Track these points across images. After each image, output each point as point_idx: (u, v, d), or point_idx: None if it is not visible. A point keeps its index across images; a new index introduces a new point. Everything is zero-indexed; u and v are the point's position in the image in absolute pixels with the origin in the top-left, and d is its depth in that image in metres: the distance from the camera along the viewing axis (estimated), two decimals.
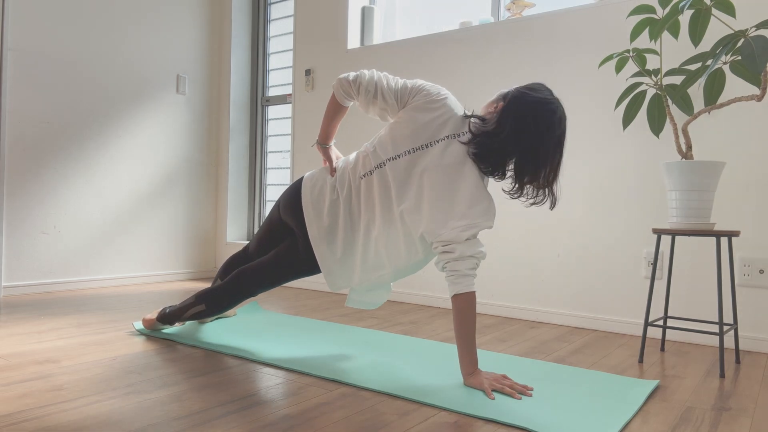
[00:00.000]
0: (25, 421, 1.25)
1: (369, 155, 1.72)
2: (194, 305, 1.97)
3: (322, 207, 1.76)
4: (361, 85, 1.68)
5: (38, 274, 3.04)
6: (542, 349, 2.08)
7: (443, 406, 1.41)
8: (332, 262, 1.77)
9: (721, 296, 1.82)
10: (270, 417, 1.32)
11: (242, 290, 1.90)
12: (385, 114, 1.73)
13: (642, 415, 1.42)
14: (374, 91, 1.68)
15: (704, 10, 1.85)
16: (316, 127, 3.49)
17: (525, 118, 1.56)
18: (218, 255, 3.96)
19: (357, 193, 1.73)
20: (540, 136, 1.56)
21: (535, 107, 1.56)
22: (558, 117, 1.58)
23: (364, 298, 1.87)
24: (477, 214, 1.58)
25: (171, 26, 3.64)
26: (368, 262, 1.73)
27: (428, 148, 1.63)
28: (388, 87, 1.68)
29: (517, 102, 1.58)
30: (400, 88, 1.69)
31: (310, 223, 1.76)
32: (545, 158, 1.58)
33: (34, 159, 3.02)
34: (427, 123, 1.64)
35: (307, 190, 1.80)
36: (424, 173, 1.62)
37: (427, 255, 1.71)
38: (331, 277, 1.79)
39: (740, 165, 2.19)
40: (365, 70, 1.70)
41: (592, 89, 2.51)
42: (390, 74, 1.75)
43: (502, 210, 2.74)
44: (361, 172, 1.73)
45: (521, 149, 1.58)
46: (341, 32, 3.38)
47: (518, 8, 2.84)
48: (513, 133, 1.56)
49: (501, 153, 1.59)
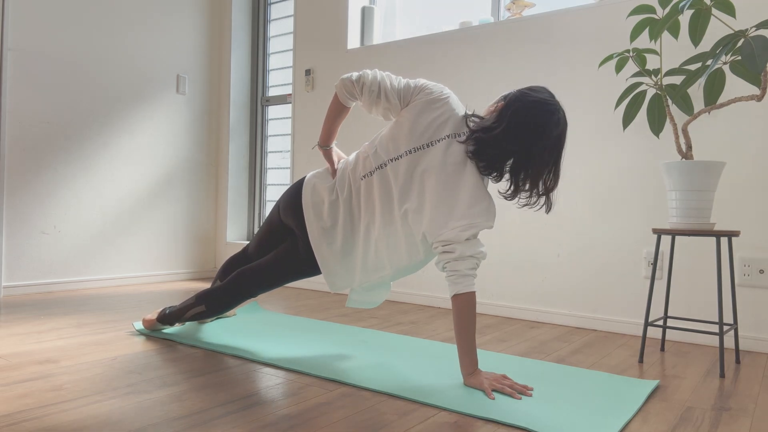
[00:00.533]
0: (25, 421, 1.25)
1: (369, 156, 1.72)
2: (194, 306, 1.97)
3: (322, 208, 1.76)
4: (365, 85, 1.68)
5: (38, 274, 3.04)
6: (542, 349, 2.08)
7: (443, 406, 1.41)
8: (333, 262, 1.77)
9: (721, 296, 1.82)
10: (270, 417, 1.32)
11: (242, 291, 1.90)
12: (388, 113, 1.73)
13: (642, 415, 1.42)
14: (378, 91, 1.68)
15: (704, 10, 1.85)
16: (316, 127, 3.49)
17: (522, 116, 1.56)
18: (218, 255, 3.96)
19: (357, 194, 1.73)
20: (536, 135, 1.55)
21: (533, 106, 1.56)
22: (556, 118, 1.57)
23: (365, 298, 1.87)
24: (477, 213, 1.57)
25: (171, 26, 3.64)
26: (369, 262, 1.73)
27: (429, 148, 1.63)
28: (391, 87, 1.68)
29: (517, 101, 1.58)
30: (403, 88, 1.69)
31: (310, 223, 1.76)
32: (540, 158, 1.57)
33: (34, 159, 3.02)
34: (428, 122, 1.64)
35: (307, 191, 1.80)
36: (425, 173, 1.62)
37: (428, 255, 1.70)
38: (332, 278, 1.79)
39: (740, 165, 2.19)
40: (368, 70, 1.70)
41: (592, 89, 2.51)
42: (392, 74, 1.74)
43: (503, 210, 2.74)
44: (361, 173, 1.73)
45: (517, 147, 1.56)
46: (341, 32, 3.38)
47: (518, 8, 2.84)
48: (509, 129, 1.55)
49: (497, 150, 1.57)
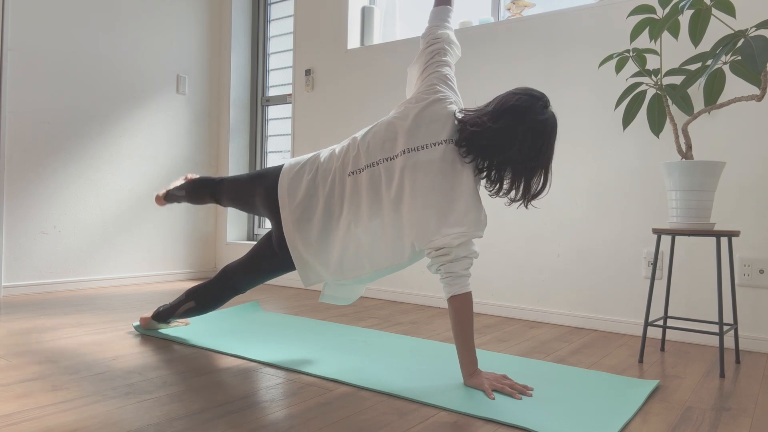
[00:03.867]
0: (25, 421, 1.25)
1: (361, 153, 1.66)
2: (185, 302, 2.01)
3: (298, 198, 1.71)
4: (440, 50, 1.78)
5: (38, 274, 3.04)
6: (542, 349, 2.08)
7: (443, 406, 1.41)
8: (306, 256, 1.73)
9: (721, 296, 1.82)
10: (270, 417, 1.32)
11: (226, 285, 1.93)
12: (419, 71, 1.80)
13: (642, 415, 1.42)
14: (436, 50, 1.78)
15: (704, 10, 1.85)
16: (316, 127, 3.48)
17: (508, 101, 1.58)
18: (218, 255, 3.96)
19: (341, 190, 1.67)
20: (519, 117, 1.55)
21: (521, 95, 1.59)
22: (541, 103, 1.57)
23: (338, 294, 1.83)
24: (470, 222, 1.54)
25: (171, 26, 3.64)
26: (346, 260, 1.68)
27: (426, 150, 1.59)
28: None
29: (507, 92, 1.62)
30: (431, 59, 1.76)
31: (285, 215, 1.72)
32: (524, 140, 1.54)
33: (34, 159, 3.02)
34: (427, 123, 1.62)
35: (285, 179, 1.75)
36: (419, 175, 1.57)
37: (412, 258, 1.65)
38: (305, 272, 1.75)
39: (740, 165, 2.19)
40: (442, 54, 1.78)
41: (592, 89, 2.51)
42: (440, 64, 1.78)
43: (503, 210, 2.74)
44: (350, 169, 1.67)
45: (498, 127, 1.55)
46: (341, 32, 3.38)
47: (518, 8, 2.84)
48: (494, 112, 1.57)
49: (481, 134, 1.55)
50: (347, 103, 3.33)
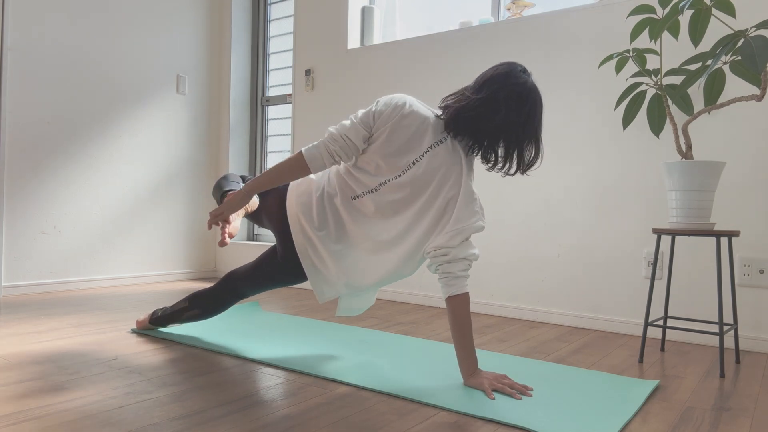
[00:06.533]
0: (25, 421, 1.25)
1: (358, 178, 1.65)
2: (188, 310, 1.98)
3: (310, 217, 1.70)
4: (335, 150, 1.61)
5: (38, 274, 3.04)
6: (542, 349, 2.08)
7: (443, 406, 1.41)
8: (321, 274, 1.73)
9: (721, 296, 1.82)
10: (270, 417, 1.32)
11: (230, 291, 1.92)
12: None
13: (642, 415, 1.42)
14: (345, 141, 1.61)
15: (704, 10, 1.85)
16: (316, 127, 3.49)
17: (487, 73, 1.62)
18: (218, 255, 3.96)
19: (349, 211, 1.67)
20: (499, 83, 1.57)
21: (500, 65, 1.62)
22: (519, 68, 1.61)
23: (352, 305, 1.85)
24: (467, 217, 1.58)
25: (171, 26, 3.64)
26: (355, 276, 1.70)
27: (416, 164, 1.60)
28: (352, 126, 1.62)
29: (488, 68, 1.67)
30: (362, 118, 1.62)
31: (296, 234, 1.71)
32: (508, 105, 1.56)
33: (34, 159, 3.02)
34: (406, 142, 1.60)
35: (293, 198, 1.74)
36: (416, 188, 1.60)
37: (418, 267, 1.70)
38: (320, 288, 1.75)
39: (740, 165, 2.19)
40: (331, 132, 1.64)
41: (592, 89, 2.51)
42: (366, 109, 1.66)
43: (503, 210, 2.74)
44: (356, 192, 1.66)
45: (480, 96, 1.57)
46: (341, 32, 3.38)
47: (518, 8, 2.84)
48: (475, 85, 1.61)
49: (465, 107, 1.58)
50: (347, 103, 3.33)
